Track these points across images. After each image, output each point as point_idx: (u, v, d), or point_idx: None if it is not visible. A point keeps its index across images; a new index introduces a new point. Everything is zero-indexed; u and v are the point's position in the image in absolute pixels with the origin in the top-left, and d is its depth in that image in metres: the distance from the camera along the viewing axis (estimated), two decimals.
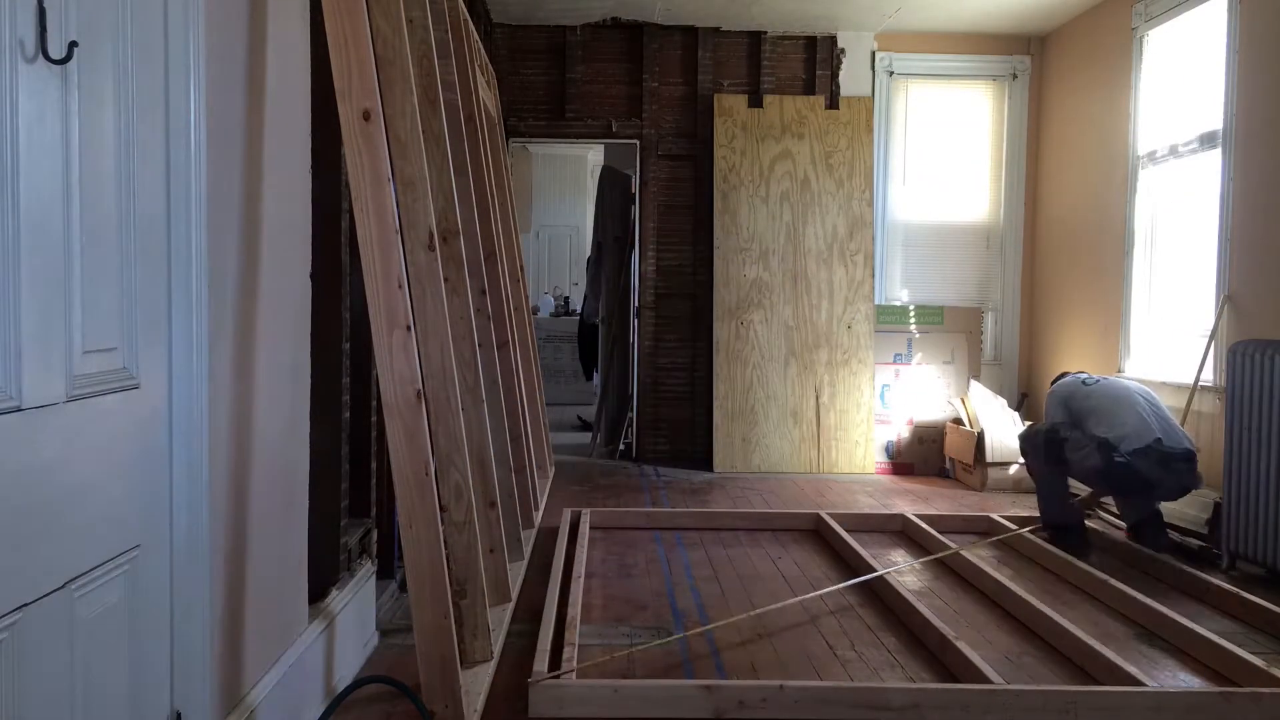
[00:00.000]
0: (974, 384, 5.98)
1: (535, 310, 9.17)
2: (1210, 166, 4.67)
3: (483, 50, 5.08)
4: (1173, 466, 3.77)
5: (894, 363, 6.22)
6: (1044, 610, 3.13)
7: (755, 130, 6.18)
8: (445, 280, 2.76)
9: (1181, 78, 5.03)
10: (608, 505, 4.94)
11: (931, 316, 6.26)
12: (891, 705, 2.46)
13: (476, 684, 2.51)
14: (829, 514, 4.47)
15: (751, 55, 6.30)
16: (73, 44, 1.35)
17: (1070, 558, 3.83)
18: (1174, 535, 4.30)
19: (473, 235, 3.52)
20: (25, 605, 1.29)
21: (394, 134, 2.51)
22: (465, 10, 4.21)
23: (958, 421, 5.91)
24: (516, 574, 3.53)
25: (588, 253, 8.10)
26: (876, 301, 6.24)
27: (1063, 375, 4.40)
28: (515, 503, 3.76)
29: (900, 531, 4.49)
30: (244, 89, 2.00)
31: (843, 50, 6.30)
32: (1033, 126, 6.43)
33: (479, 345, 3.24)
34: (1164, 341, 5.13)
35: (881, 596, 3.46)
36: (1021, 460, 5.55)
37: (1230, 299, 4.40)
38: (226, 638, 1.91)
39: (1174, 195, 5.08)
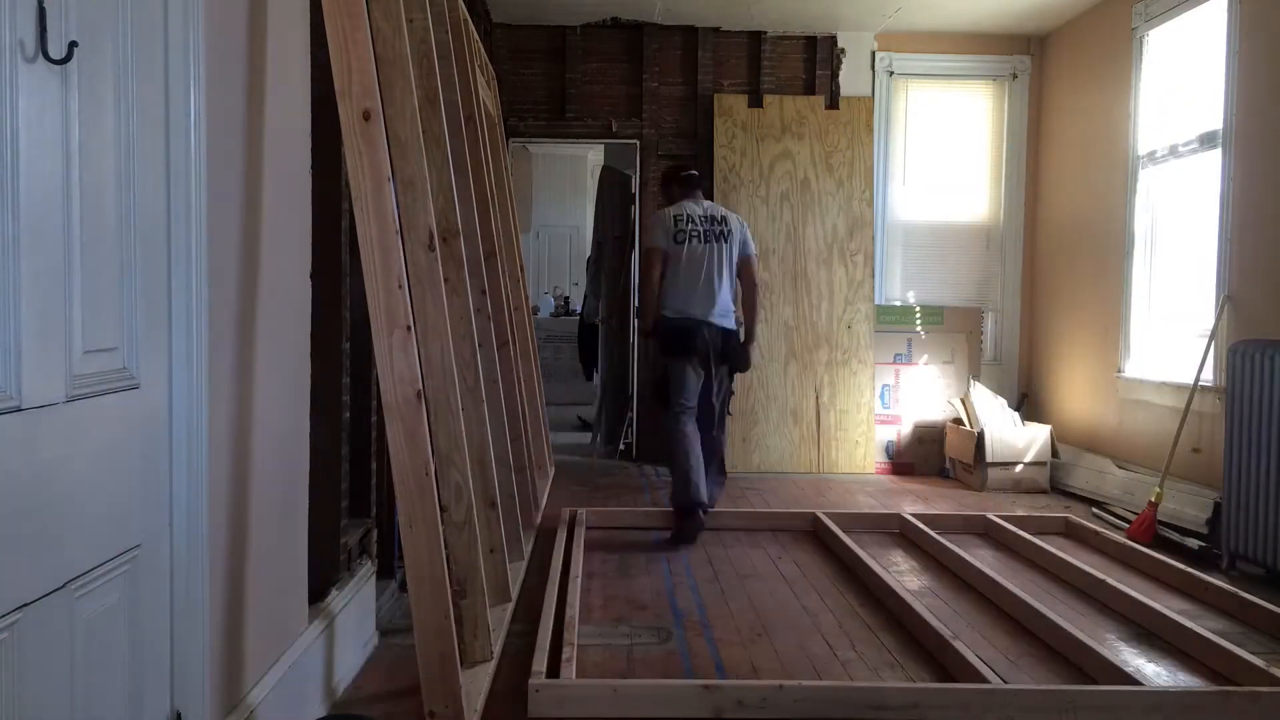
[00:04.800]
0: (974, 384, 5.98)
1: (535, 310, 9.17)
2: (1210, 166, 4.67)
3: (483, 50, 5.08)
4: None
5: (894, 363, 6.22)
6: (1042, 610, 3.13)
7: (755, 130, 6.17)
8: (445, 280, 2.76)
9: (1181, 78, 5.03)
10: (608, 505, 4.94)
11: (931, 316, 6.25)
12: (891, 705, 2.46)
13: (476, 684, 2.51)
14: (826, 514, 4.47)
15: (751, 55, 6.30)
16: (73, 44, 1.35)
17: (1058, 551, 3.83)
18: (1174, 535, 4.30)
19: (473, 235, 3.52)
20: (25, 605, 1.29)
21: (394, 134, 2.51)
22: (465, 10, 4.22)
23: (958, 421, 5.91)
24: (516, 574, 3.53)
25: (588, 253, 8.10)
26: (876, 301, 6.24)
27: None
28: (515, 503, 3.76)
29: (898, 532, 4.50)
30: (244, 89, 2.00)
31: (843, 50, 6.30)
32: (1033, 127, 6.43)
33: (479, 345, 3.24)
34: (1164, 341, 5.13)
35: (880, 597, 3.46)
36: (1022, 462, 5.57)
37: (1230, 299, 4.40)
38: (226, 638, 1.91)
39: (1174, 195, 5.08)
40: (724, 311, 4.34)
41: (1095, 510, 5.02)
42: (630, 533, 4.45)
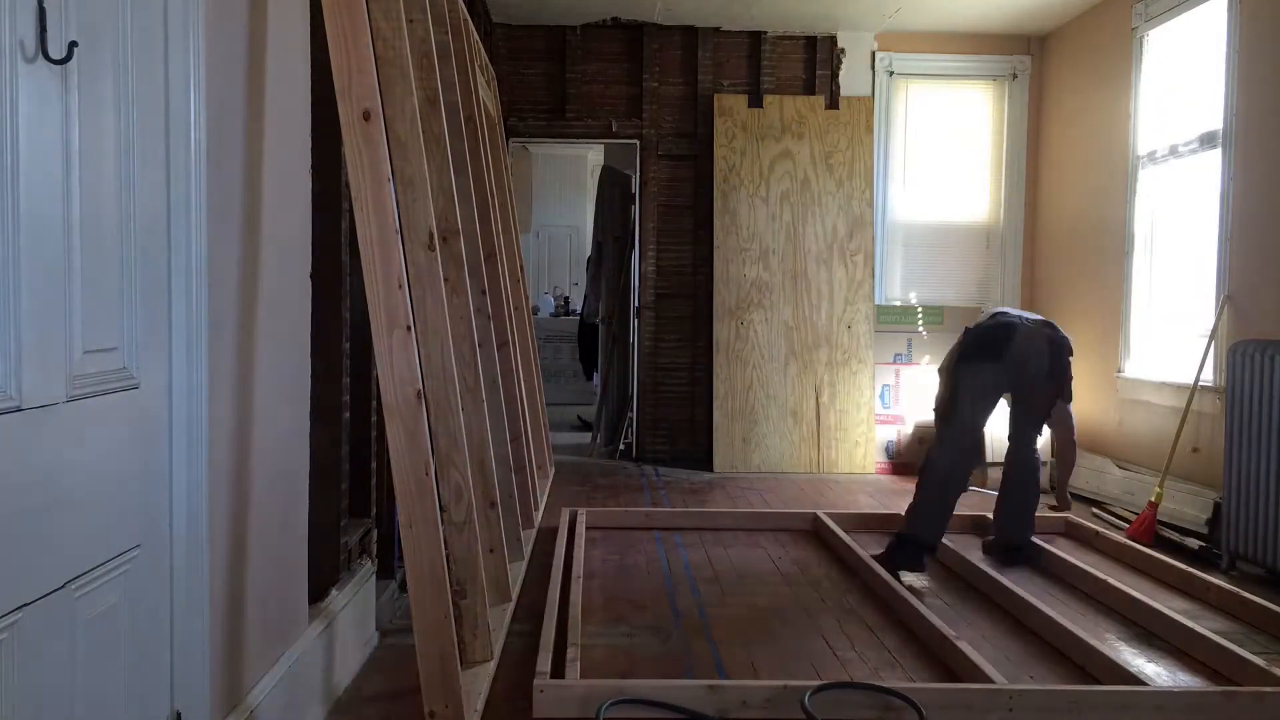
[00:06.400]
0: None
1: (535, 310, 9.17)
2: (1210, 166, 4.67)
3: (483, 50, 5.08)
4: None
5: (894, 363, 6.22)
6: (1044, 610, 3.13)
7: (755, 130, 6.17)
8: (445, 280, 2.76)
9: (1181, 78, 5.03)
10: (608, 505, 4.94)
11: (932, 316, 6.26)
12: (893, 705, 2.45)
13: (477, 684, 2.51)
14: (826, 514, 4.47)
15: (751, 55, 6.30)
16: (73, 44, 1.35)
17: (1078, 562, 3.83)
18: (1174, 535, 4.30)
19: (473, 235, 3.52)
20: (25, 605, 1.29)
21: (394, 134, 2.51)
22: (465, 10, 4.21)
23: None
24: (516, 574, 3.53)
25: (588, 253, 8.10)
26: (876, 301, 6.24)
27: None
28: (515, 503, 3.76)
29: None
30: (244, 89, 2.00)
31: (843, 50, 6.30)
32: (1033, 126, 6.43)
33: (479, 345, 3.24)
34: (1164, 341, 5.13)
35: (881, 596, 3.46)
36: None
37: (1230, 299, 4.40)
38: (226, 638, 1.91)
39: (1174, 195, 5.08)
40: None
41: (1095, 510, 5.02)
42: (630, 533, 4.44)
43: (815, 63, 6.29)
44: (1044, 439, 4.35)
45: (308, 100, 2.42)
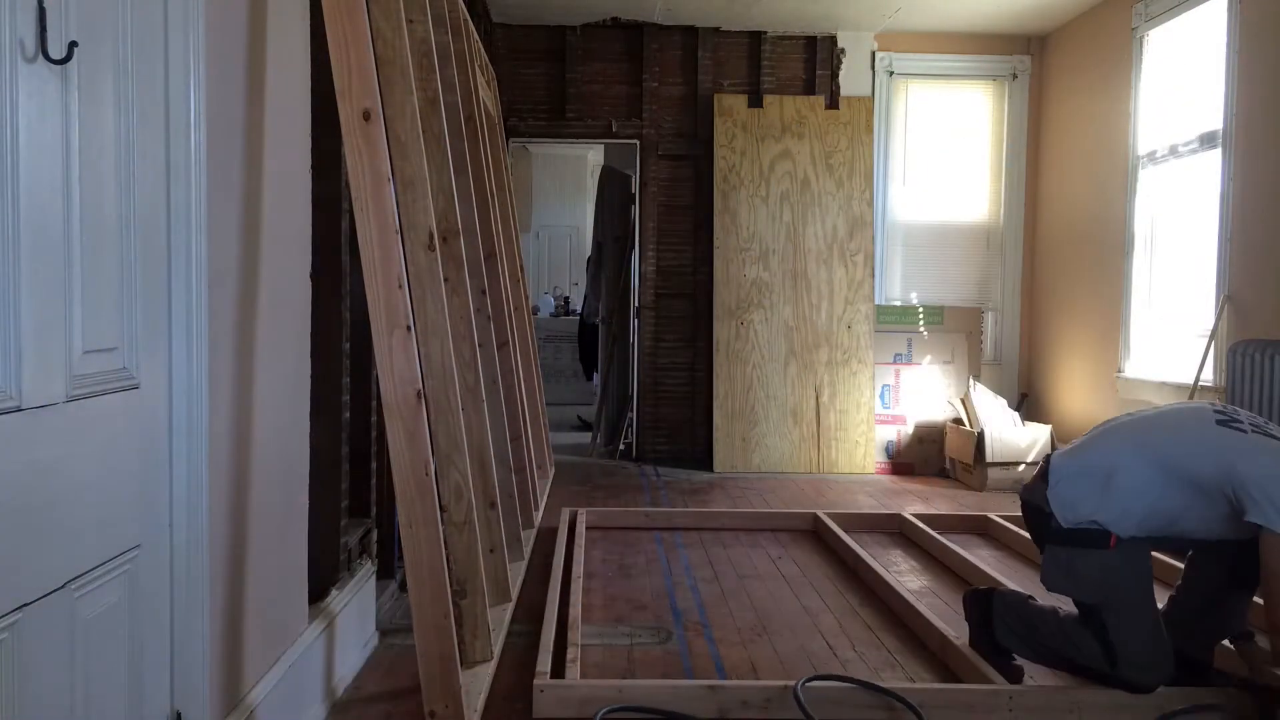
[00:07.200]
0: (974, 384, 5.98)
1: (535, 310, 9.16)
2: (1210, 166, 4.67)
3: (483, 50, 5.08)
4: None
5: (894, 363, 6.22)
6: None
7: (755, 130, 6.17)
8: (445, 280, 2.76)
9: (1181, 78, 5.03)
10: (608, 505, 4.94)
11: (932, 316, 6.26)
12: (894, 705, 2.45)
13: (477, 684, 2.51)
14: (827, 514, 4.47)
15: (751, 55, 6.30)
16: (73, 44, 1.35)
17: None
18: None
19: (473, 235, 3.52)
20: (25, 605, 1.29)
21: (394, 134, 2.51)
22: (465, 10, 4.21)
23: (958, 421, 5.91)
24: (516, 574, 3.53)
25: (588, 253, 8.10)
26: (876, 301, 6.24)
27: None
28: (515, 503, 3.76)
29: (899, 532, 4.49)
30: (244, 89, 2.00)
31: (843, 50, 6.30)
32: (1033, 126, 6.43)
33: (479, 345, 3.24)
34: (1164, 341, 5.13)
35: (881, 596, 3.46)
36: (1023, 462, 5.56)
37: (1230, 299, 4.40)
38: (226, 638, 1.91)
39: (1174, 195, 5.08)
40: None
41: None
42: (630, 533, 4.44)
43: (815, 63, 6.29)
44: None
45: (308, 100, 2.42)
